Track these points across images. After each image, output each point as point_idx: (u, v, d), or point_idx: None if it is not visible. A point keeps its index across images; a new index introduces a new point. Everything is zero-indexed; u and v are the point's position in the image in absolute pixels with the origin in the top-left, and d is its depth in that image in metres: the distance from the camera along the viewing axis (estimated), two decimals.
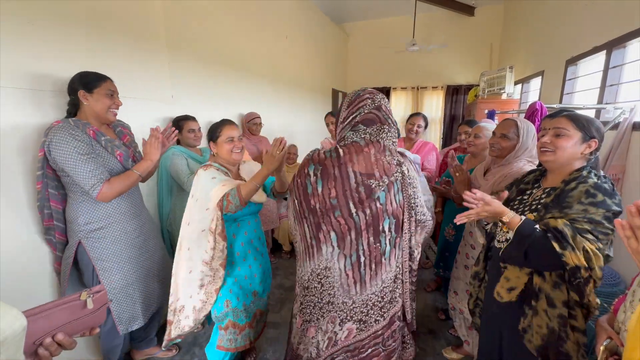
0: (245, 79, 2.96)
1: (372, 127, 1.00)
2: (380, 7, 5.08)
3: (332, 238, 0.99)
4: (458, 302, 1.70)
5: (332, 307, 1.03)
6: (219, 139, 1.41)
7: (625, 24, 1.96)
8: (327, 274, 1.01)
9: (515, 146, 1.37)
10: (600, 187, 0.91)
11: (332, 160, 0.97)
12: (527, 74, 3.66)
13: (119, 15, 1.72)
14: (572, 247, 0.85)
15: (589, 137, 0.98)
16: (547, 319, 0.96)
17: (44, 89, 1.40)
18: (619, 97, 2.12)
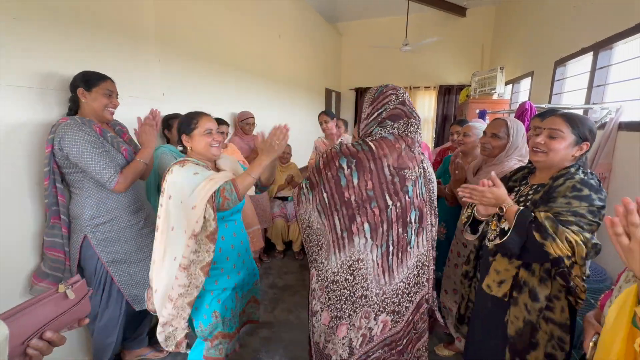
0: (238, 78, 2.94)
1: (399, 122, 1.04)
2: (373, 7, 5.10)
3: (366, 229, 0.99)
4: (449, 300, 1.71)
5: (366, 301, 1.02)
6: (195, 131, 1.25)
7: (612, 26, 2.00)
8: (360, 266, 1.00)
9: (506, 145, 1.40)
10: (587, 182, 0.93)
11: (365, 154, 0.99)
12: (518, 74, 3.72)
13: (110, 13, 1.69)
14: (553, 238, 0.87)
15: (582, 139, 0.98)
16: (526, 313, 0.97)
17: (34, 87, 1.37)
18: (606, 97, 2.17)
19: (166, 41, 2.09)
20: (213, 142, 1.27)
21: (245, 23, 2.99)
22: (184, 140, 1.27)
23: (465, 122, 2.28)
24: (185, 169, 1.18)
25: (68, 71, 1.44)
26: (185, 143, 1.28)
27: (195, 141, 1.25)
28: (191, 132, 1.25)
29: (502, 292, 1.02)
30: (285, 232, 3.04)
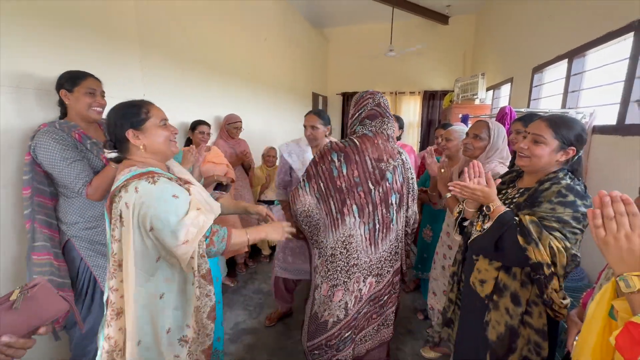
0: (222, 80, 2.90)
1: (375, 121, 1.26)
2: (359, 13, 5.17)
3: (354, 210, 1.22)
4: (437, 302, 1.72)
5: (357, 269, 1.25)
6: (148, 123, 0.96)
7: (585, 34, 2.10)
8: (351, 240, 1.23)
9: (486, 147, 1.42)
10: (573, 188, 0.92)
11: (351, 148, 1.22)
12: (498, 80, 3.84)
13: (89, 13, 1.64)
14: (536, 243, 0.86)
15: (567, 144, 0.97)
16: (508, 317, 0.96)
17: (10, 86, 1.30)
18: (580, 102, 2.26)
19: (148, 42, 2.04)
20: (172, 136, 1.03)
21: (230, 25, 2.96)
22: (130, 137, 0.94)
23: (449, 126, 2.33)
24: (159, 188, 0.88)
25: (46, 72, 1.39)
26: (133, 141, 0.95)
27: (152, 136, 0.96)
28: (142, 126, 0.95)
29: (485, 293, 1.02)
30: None
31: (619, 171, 1.70)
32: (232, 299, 2.39)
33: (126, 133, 0.94)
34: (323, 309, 1.28)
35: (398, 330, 2.04)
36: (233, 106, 3.00)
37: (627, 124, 1.71)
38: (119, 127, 0.95)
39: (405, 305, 2.35)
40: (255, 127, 3.47)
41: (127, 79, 1.91)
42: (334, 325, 1.27)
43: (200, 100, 2.63)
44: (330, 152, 1.22)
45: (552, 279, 0.87)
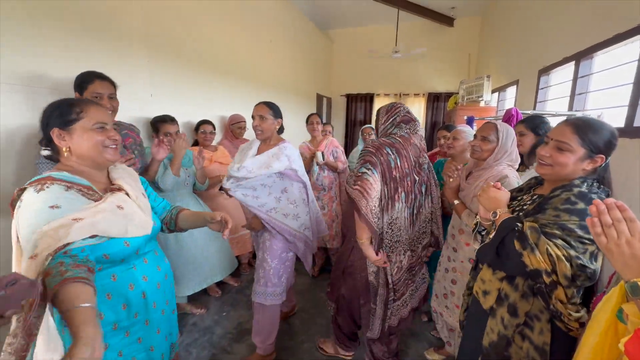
0: (228, 81, 2.92)
1: (409, 124, 1.47)
2: (364, 15, 5.18)
3: (402, 197, 1.41)
4: (438, 305, 1.71)
5: (399, 244, 1.44)
6: (77, 124, 0.85)
7: (592, 36, 2.08)
8: (396, 222, 1.41)
9: (495, 149, 1.39)
10: (585, 196, 0.84)
11: (398, 145, 1.40)
12: (503, 82, 3.83)
13: (97, 13, 1.67)
14: (532, 248, 0.82)
15: (595, 152, 0.87)
16: (502, 327, 0.93)
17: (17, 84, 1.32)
18: (587, 104, 2.24)
19: (155, 43, 2.06)
20: (108, 142, 0.89)
21: (236, 27, 2.99)
22: (54, 138, 0.84)
23: (453, 128, 2.32)
24: (41, 198, 0.76)
25: (56, 72, 1.41)
26: (57, 142, 0.84)
27: (79, 138, 0.85)
28: (71, 125, 0.84)
29: (488, 305, 0.98)
30: None
31: (628, 173, 1.68)
32: (235, 298, 2.39)
33: (51, 132, 0.84)
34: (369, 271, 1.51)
35: (403, 333, 2.04)
36: (237, 107, 3.01)
37: (635, 127, 1.70)
38: (46, 124, 0.85)
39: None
40: None
41: (134, 80, 1.93)
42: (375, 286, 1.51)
43: (206, 100, 2.65)
44: (383, 146, 1.38)
45: (556, 287, 0.83)
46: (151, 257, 1.00)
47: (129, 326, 0.90)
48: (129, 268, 0.91)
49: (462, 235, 1.51)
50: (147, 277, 0.96)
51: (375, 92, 5.87)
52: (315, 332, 2.03)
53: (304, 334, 2.02)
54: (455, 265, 1.55)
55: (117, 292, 0.88)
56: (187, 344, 1.89)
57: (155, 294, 0.98)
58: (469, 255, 1.48)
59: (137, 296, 0.91)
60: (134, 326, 0.92)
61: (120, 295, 0.88)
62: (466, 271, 1.49)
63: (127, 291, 0.89)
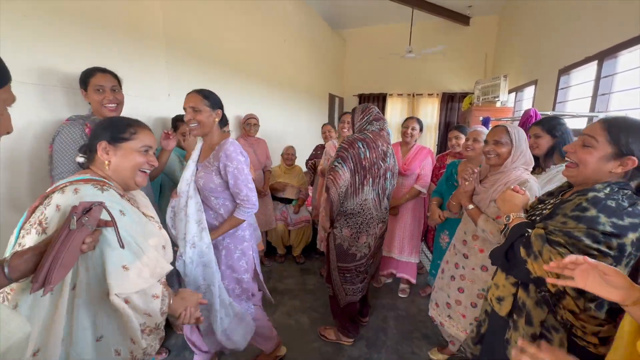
0: (243, 81, 2.96)
1: (379, 122, 1.75)
2: (378, 14, 5.15)
3: (369, 182, 1.68)
4: (438, 315, 1.64)
5: (372, 219, 1.74)
6: (127, 143, 0.89)
7: (617, 35, 2.01)
8: (365, 204, 1.70)
9: (511, 151, 1.35)
10: (599, 202, 0.77)
11: (370, 139, 1.67)
12: (521, 82, 3.73)
13: (118, 13, 1.72)
14: (535, 256, 0.79)
15: (625, 153, 0.78)
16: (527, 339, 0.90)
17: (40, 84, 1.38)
18: (610, 106, 2.17)
19: (174, 42, 2.11)
20: (145, 166, 0.92)
21: (252, 27, 3.02)
22: (99, 150, 0.86)
23: (464, 128, 2.28)
24: (105, 197, 0.79)
25: (73, 70, 1.46)
26: (100, 154, 0.87)
27: (122, 157, 0.88)
28: (120, 143, 0.88)
29: (504, 311, 0.96)
30: (285, 237, 3.02)
31: None
32: None
33: (98, 144, 0.87)
34: (350, 244, 1.74)
35: (414, 335, 2.02)
36: (252, 106, 3.05)
37: None
38: (96, 136, 0.88)
39: (421, 309, 2.32)
40: (272, 127, 3.52)
41: (153, 79, 1.98)
42: (362, 258, 1.77)
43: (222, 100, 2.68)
44: (356, 141, 1.65)
45: (563, 297, 0.80)
46: None
47: None
48: None
49: (476, 241, 1.45)
50: None
51: (388, 92, 5.83)
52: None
53: (313, 333, 2.03)
54: (464, 272, 1.49)
55: None
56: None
57: None
58: (481, 262, 1.43)
59: None
60: None
61: None
62: (477, 279, 1.44)
63: None
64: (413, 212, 2.37)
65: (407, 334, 2.03)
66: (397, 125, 5.70)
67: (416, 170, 2.30)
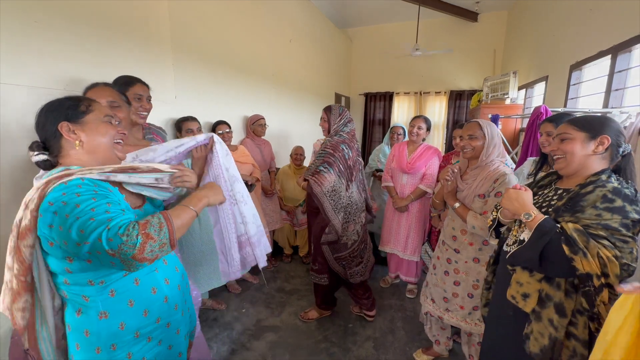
0: (249, 81, 2.97)
1: (351, 123, 1.98)
2: (383, 12, 5.11)
3: (356, 178, 1.93)
4: (436, 309, 1.65)
5: (357, 209, 1.94)
6: (88, 116, 0.81)
7: (631, 28, 1.95)
8: (352, 196, 1.90)
9: (484, 145, 1.43)
10: (620, 192, 0.86)
11: (348, 140, 1.91)
12: (531, 79, 3.66)
13: (125, 16, 1.74)
14: (584, 253, 0.81)
15: (596, 134, 0.93)
16: (552, 329, 0.90)
17: (47, 87, 1.41)
18: (625, 101, 2.10)
19: (180, 44, 2.13)
20: (117, 136, 0.86)
21: (257, 28, 3.03)
22: (64, 132, 0.78)
23: None
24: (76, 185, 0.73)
25: (82, 73, 1.48)
26: (67, 136, 0.79)
27: (92, 131, 0.81)
28: (82, 118, 0.80)
29: (530, 307, 0.95)
30: (292, 237, 3.01)
31: None
32: (254, 296, 2.43)
33: (59, 126, 0.78)
34: (341, 234, 1.88)
35: (422, 336, 2.00)
36: (258, 106, 3.06)
37: None
38: (50, 121, 0.78)
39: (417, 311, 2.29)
40: (278, 127, 3.52)
41: (159, 81, 2.00)
42: (353, 244, 1.93)
43: (228, 101, 2.70)
44: (339, 144, 1.85)
45: (602, 290, 0.82)
46: (169, 258, 0.98)
47: (151, 331, 0.89)
48: (151, 271, 0.90)
49: (465, 235, 1.51)
50: (168, 279, 0.94)
51: (395, 91, 5.77)
52: (333, 333, 2.03)
53: (320, 334, 2.02)
54: (457, 266, 1.54)
55: (140, 297, 0.85)
56: (207, 338, 1.94)
57: (176, 297, 0.96)
58: (473, 254, 1.49)
59: (159, 300, 0.90)
60: (156, 330, 0.90)
61: (143, 300, 0.86)
62: (471, 270, 1.49)
63: (149, 296, 0.87)
64: (418, 211, 2.35)
65: (415, 335, 2.01)
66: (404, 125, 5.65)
67: (421, 170, 2.28)
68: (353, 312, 2.23)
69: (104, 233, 0.67)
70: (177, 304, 0.96)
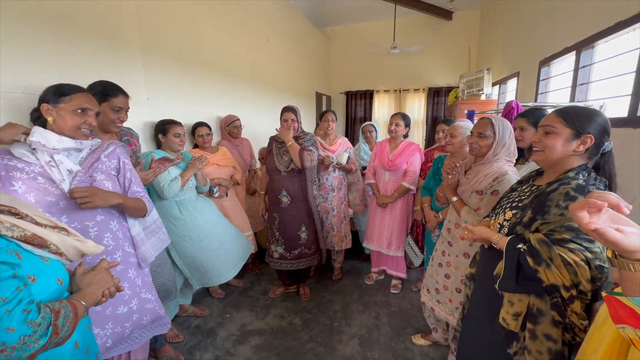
0: (225, 81, 2.91)
1: None
2: (361, 11, 5.14)
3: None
4: (430, 299, 1.68)
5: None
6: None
7: (593, 25, 2.04)
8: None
9: (493, 144, 1.37)
10: (584, 188, 0.83)
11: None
12: (504, 75, 3.78)
13: (89, 15, 1.65)
14: (547, 264, 0.79)
15: (582, 133, 0.89)
16: (551, 343, 0.86)
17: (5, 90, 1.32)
18: (589, 95, 2.20)
19: (151, 44, 2.05)
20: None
21: (232, 27, 2.97)
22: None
23: (452, 122, 2.29)
24: None
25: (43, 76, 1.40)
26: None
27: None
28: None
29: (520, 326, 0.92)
30: None
31: (632, 163, 1.65)
32: (238, 300, 2.39)
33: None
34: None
35: (406, 330, 2.02)
36: (236, 107, 3.00)
37: (638, 116, 1.66)
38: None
39: (413, 304, 2.32)
40: (258, 127, 3.47)
41: (129, 82, 1.91)
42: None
43: (204, 101, 2.63)
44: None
45: (573, 301, 0.80)
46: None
47: None
48: None
49: (457, 229, 1.51)
50: None
51: (375, 89, 5.83)
52: (318, 333, 2.02)
53: (306, 334, 2.01)
54: (449, 259, 1.55)
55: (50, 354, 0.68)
56: (190, 346, 1.89)
57: (88, 339, 0.84)
58: (463, 249, 1.49)
59: (70, 348, 0.75)
60: None
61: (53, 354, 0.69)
62: (461, 265, 1.50)
63: (60, 348, 0.69)
64: (401, 207, 2.38)
65: (400, 330, 2.04)
66: (384, 122, 5.71)
67: (402, 166, 2.31)
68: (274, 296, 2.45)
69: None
70: (89, 348, 0.84)
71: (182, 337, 1.94)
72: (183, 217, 1.88)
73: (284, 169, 2.16)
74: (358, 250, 2.95)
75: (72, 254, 0.72)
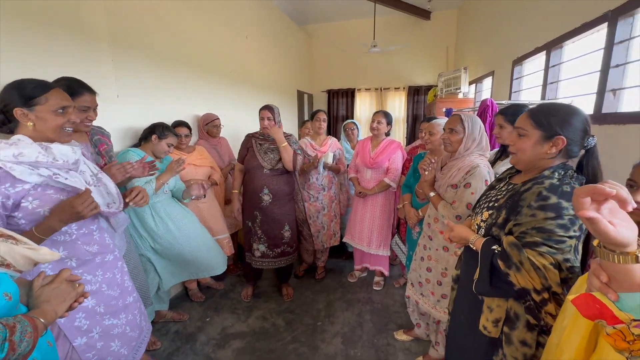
0: (203, 79, 2.82)
1: None
2: (340, 9, 5.14)
3: None
4: (414, 293, 1.71)
5: None
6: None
7: (562, 26, 2.12)
8: None
9: (463, 139, 1.42)
10: (557, 188, 0.81)
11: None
12: (480, 74, 3.88)
13: (53, 7, 1.55)
14: (517, 267, 0.79)
15: (552, 134, 0.86)
16: (527, 349, 0.86)
17: None
18: (559, 93, 2.30)
19: (120, 39, 1.95)
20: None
21: (209, 23, 2.88)
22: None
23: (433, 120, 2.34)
24: None
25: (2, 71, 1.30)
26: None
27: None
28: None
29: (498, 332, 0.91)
30: None
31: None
32: (219, 303, 2.33)
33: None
34: None
35: (389, 327, 2.04)
36: (214, 105, 2.92)
37: (603, 113, 1.74)
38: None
39: (396, 300, 2.35)
40: (238, 125, 3.40)
41: (98, 78, 1.81)
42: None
43: (180, 100, 2.54)
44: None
45: (546, 304, 0.80)
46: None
47: None
48: None
49: (436, 223, 1.54)
50: None
51: (357, 87, 5.85)
52: (301, 333, 2.00)
53: (289, 335, 1.99)
54: (430, 253, 1.58)
55: None
56: (169, 353, 1.82)
57: (48, 356, 0.76)
58: (442, 243, 1.53)
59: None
60: None
61: None
62: (440, 258, 1.53)
63: None
64: (382, 205, 2.39)
65: (383, 326, 2.05)
66: (366, 120, 5.75)
67: (384, 164, 2.32)
68: None
69: None
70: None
71: (160, 344, 1.86)
72: (154, 222, 1.80)
73: (269, 166, 2.12)
74: (341, 248, 2.95)
75: (22, 263, 0.65)
